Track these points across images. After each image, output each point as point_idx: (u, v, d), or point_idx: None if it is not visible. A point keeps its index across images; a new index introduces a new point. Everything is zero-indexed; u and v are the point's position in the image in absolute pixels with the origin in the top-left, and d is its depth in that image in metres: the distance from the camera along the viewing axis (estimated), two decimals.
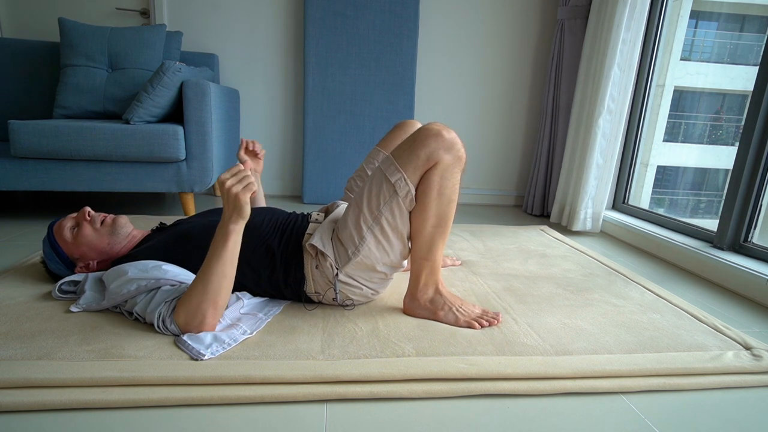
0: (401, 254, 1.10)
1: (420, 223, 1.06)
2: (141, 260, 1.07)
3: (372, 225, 1.05)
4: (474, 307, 1.13)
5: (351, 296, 1.13)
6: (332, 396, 0.82)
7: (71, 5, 2.44)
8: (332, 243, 1.08)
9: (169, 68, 1.84)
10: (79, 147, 1.79)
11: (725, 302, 1.41)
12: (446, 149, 1.01)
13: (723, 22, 3.11)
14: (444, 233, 1.07)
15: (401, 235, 1.07)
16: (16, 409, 0.75)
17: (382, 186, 1.04)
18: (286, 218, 1.18)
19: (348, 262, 1.06)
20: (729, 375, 0.95)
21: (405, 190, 1.03)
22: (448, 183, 1.03)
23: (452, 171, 1.03)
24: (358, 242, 1.05)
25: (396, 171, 1.02)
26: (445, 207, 1.04)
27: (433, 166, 1.02)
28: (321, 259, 1.07)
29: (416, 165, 1.01)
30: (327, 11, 2.41)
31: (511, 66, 2.72)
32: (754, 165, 1.57)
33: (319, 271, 1.09)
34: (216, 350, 0.90)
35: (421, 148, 1.01)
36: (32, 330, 0.96)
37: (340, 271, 1.07)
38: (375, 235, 1.05)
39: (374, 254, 1.06)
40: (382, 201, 1.04)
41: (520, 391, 0.86)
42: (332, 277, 1.08)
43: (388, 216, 1.04)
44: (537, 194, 2.59)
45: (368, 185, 1.06)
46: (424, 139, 1.01)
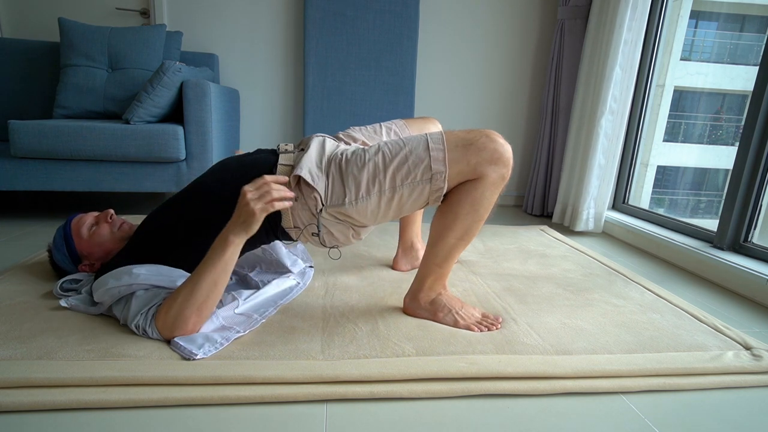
0: (371, 228, 1.09)
1: (444, 231, 1.03)
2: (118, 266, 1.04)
3: (385, 190, 0.98)
4: (474, 310, 1.12)
5: (327, 236, 1.05)
6: (332, 396, 0.82)
7: (71, 5, 2.44)
8: (327, 178, 1.00)
9: (169, 68, 1.84)
10: (79, 147, 1.79)
11: (725, 302, 1.41)
12: (496, 165, 0.96)
13: (723, 22, 3.11)
14: (465, 247, 1.05)
15: (398, 214, 1.03)
16: (16, 409, 0.75)
17: (420, 166, 0.96)
18: (245, 159, 1.08)
19: (338, 206, 0.99)
20: (729, 375, 0.95)
21: (438, 186, 0.97)
22: (485, 201, 0.99)
23: (494, 190, 0.98)
24: (362, 194, 0.98)
25: (442, 164, 0.96)
26: (474, 223, 1.01)
27: (478, 179, 0.97)
28: (305, 191, 0.99)
29: (461, 169, 0.96)
30: (327, 11, 2.41)
31: (511, 66, 2.72)
32: (754, 165, 1.57)
33: (299, 204, 1.00)
34: (208, 350, 0.89)
35: (474, 155, 0.95)
36: (32, 330, 0.96)
37: (326, 209, 1.00)
38: (380, 200, 0.99)
39: (365, 214, 1.00)
40: (411, 178, 0.97)
41: (520, 390, 0.86)
42: (316, 211, 1.00)
43: (405, 193, 0.99)
44: (537, 194, 2.59)
45: (407, 150, 0.98)
46: (482, 146, 0.95)
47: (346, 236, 1.07)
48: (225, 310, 1.04)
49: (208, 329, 0.97)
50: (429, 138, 0.98)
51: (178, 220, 1.06)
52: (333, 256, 1.09)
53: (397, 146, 1.00)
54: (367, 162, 0.99)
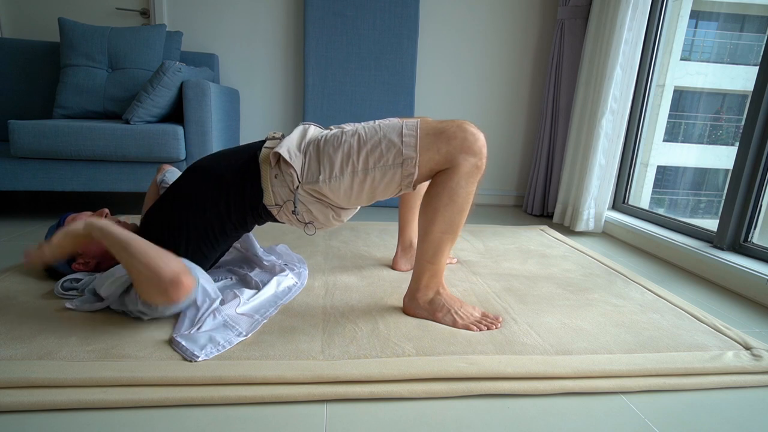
0: (353, 212, 1.11)
1: (428, 226, 1.04)
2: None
3: (358, 171, 1.01)
4: (474, 310, 1.12)
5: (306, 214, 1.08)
6: (332, 396, 0.82)
7: (71, 5, 2.44)
8: (304, 156, 1.03)
9: (169, 68, 1.84)
10: (79, 147, 1.79)
11: (725, 302, 1.41)
12: (467, 154, 0.98)
13: (723, 22, 3.11)
14: (452, 240, 1.06)
15: (372, 197, 1.05)
16: (17, 409, 0.75)
17: (393, 150, 1.00)
18: (238, 148, 1.15)
19: (312, 183, 1.02)
20: (729, 375, 0.95)
21: (409, 171, 1.00)
22: (461, 191, 1.00)
23: (468, 179, 1.00)
24: (336, 174, 1.01)
25: (413, 150, 0.99)
26: (456, 214, 1.02)
27: (451, 169, 0.99)
28: (283, 168, 1.03)
29: (432, 156, 0.99)
30: (327, 11, 2.41)
31: (511, 66, 2.72)
32: (754, 165, 1.57)
33: (278, 181, 1.04)
34: (210, 352, 0.90)
35: (444, 143, 0.98)
36: (32, 330, 0.96)
37: (302, 186, 1.03)
38: (352, 180, 1.01)
39: (339, 194, 1.03)
40: (383, 162, 1.00)
41: (520, 390, 0.86)
42: (293, 188, 1.03)
43: (378, 176, 1.01)
44: (537, 194, 2.59)
45: (381, 134, 1.01)
46: (452, 135, 0.98)
47: (327, 217, 1.09)
48: (228, 308, 1.05)
49: (210, 327, 0.97)
50: (404, 124, 1.02)
51: (173, 203, 1.10)
52: (308, 232, 1.11)
53: (373, 130, 1.03)
54: (342, 143, 1.02)
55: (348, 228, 1.96)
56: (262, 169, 1.05)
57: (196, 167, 1.13)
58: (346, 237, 1.82)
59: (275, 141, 1.08)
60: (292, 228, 1.91)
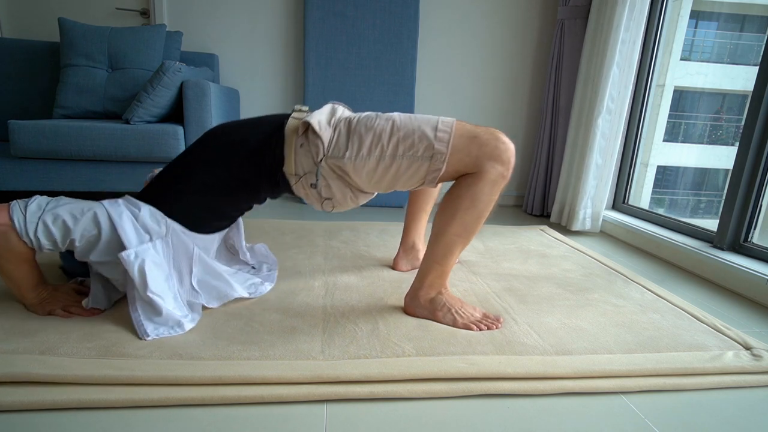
0: (370, 196, 1.11)
1: (444, 226, 1.04)
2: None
3: (386, 156, 1.00)
4: (475, 310, 1.12)
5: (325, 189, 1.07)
6: (332, 396, 0.82)
7: (71, 5, 2.44)
8: (333, 131, 1.03)
9: (169, 68, 1.84)
10: (79, 147, 1.79)
11: (725, 302, 1.41)
12: (496, 162, 0.98)
13: (723, 22, 3.11)
14: (464, 244, 1.06)
15: (393, 185, 1.05)
16: (17, 408, 0.75)
17: (424, 142, 1.00)
18: (260, 117, 1.14)
19: (337, 158, 1.01)
20: (729, 375, 0.95)
21: (437, 166, 1.00)
22: (484, 197, 1.00)
23: (493, 187, 1.00)
24: (363, 154, 1.01)
25: (445, 146, 0.99)
26: (474, 219, 1.02)
27: (477, 174, 0.99)
28: (311, 138, 1.02)
29: (462, 158, 0.99)
30: (327, 11, 2.41)
31: (511, 66, 2.72)
32: (754, 165, 1.57)
33: (303, 150, 1.03)
34: (162, 333, 0.95)
35: (476, 147, 0.98)
36: (35, 325, 0.97)
37: (326, 159, 1.02)
38: (378, 164, 1.01)
39: (361, 175, 1.03)
40: (413, 152, 1.00)
41: (520, 391, 0.86)
42: (317, 160, 1.02)
43: (404, 165, 1.01)
44: (537, 194, 2.59)
45: (416, 125, 1.01)
46: (485, 142, 0.98)
47: (344, 195, 1.08)
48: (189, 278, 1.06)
49: (166, 304, 0.98)
50: (440, 120, 1.02)
51: (185, 159, 1.10)
52: (326, 208, 1.10)
53: (408, 119, 1.03)
54: (375, 126, 1.02)
55: (348, 228, 1.96)
56: (288, 137, 1.04)
57: (215, 130, 1.12)
58: (346, 237, 1.82)
59: (302, 113, 1.08)
60: (291, 228, 1.91)
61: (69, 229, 0.94)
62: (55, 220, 0.93)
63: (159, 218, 1.03)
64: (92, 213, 0.96)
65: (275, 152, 1.04)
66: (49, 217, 0.93)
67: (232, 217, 1.17)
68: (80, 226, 0.94)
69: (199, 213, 1.09)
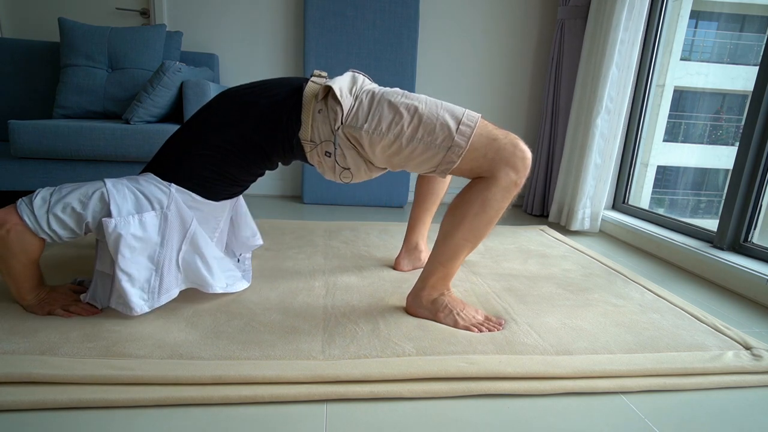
0: (379, 171, 1.09)
1: (452, 229, 1.04)
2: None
3: (403, 136, 0.99)
4: (477, 312, 1.11)
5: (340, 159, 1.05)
6: (332, 396, 0.82)
7: (71, 5, 2.44)
8: (354, 100, 1.01)
9: (169, 68, 1.84)
10: (79, 147, 1.79)
11: (725, 302, 1.41)
12: (510, 169, 0.98)
13: (723, 22, 3.11)
14: (471, 248, 1.06)
15: (404, 165, 1.04)
16: (17, 408, 0.75)
17: (445, 131, 0.98)
18: (274, 80, 1.11)
19: (354, 129, 0.99)
20: (729, 375, 0.95)
21: (452, 159, 0.99)
22: (495, 203, 1.00)
23: (505, 193, 1.00)
24: (382, 129, 0.99)
25: (465, 141, 0.98)
26: (483, 225, 1.02)
27: (490, 178, 0.99)
28: (330, 104, 1.00)
29: (477, 157, 0.99)
30: (327, 11, 2.41)
31: (512, 66, 2.72)
32: (754, 165, 1.57)
33: (321, 116, 1.01)
34: (149, 306, 0.99)
35: (493, 150, 0.98)
36: (35, 325, 0.97)
37: (343, 128, 1.00)
38: (393, 142, 1.00)
39: (375, 149, 1.01)
40: (431, 138, 0.99)
41: (520, 390, 0.86)
42: (334, 127, 1.00)
43: (419, 149, 1.00)
44: (537, 194, 2.59)
45: (441, 112, 1.00)
46: (503, 146, 0.98)
47: (358, 167, 1.07)
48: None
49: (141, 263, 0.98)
50: (466, 113, 1.01)
51: (196, 121, 1.09)
52: (344, 179, 1.08)
53: (434, 105, 1.02)
54: (399, 104, 1.00)
55: (348, 228, 1.96)
56: (306, 102, 1.02)
57: (226, 93, 1.10)
58: (346, 237, 1.82)
59: (321, 79, 1.06)
60: (291, 228, 1.91)
61: (80, 215, 0.94)
62: (64, 209, 0.93)
63: (163, 188, 1.02)
64: (99, 193, 0.96)
65: (291, 116, 1.02)
66: (58, 207, 0.93)
67: (244, 182, 1.15)
68: (90, 209, 0.94)
69: (210, 177, 1.07)
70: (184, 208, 1.04)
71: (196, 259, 1.08)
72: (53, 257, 1.41)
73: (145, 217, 0.98)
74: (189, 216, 1.05)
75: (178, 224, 1.03)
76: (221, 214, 1.18)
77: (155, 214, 0.99)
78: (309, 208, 2.43)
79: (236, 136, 1.04)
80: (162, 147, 1.11)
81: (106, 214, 0.95)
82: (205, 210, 1.11)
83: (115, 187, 0.97)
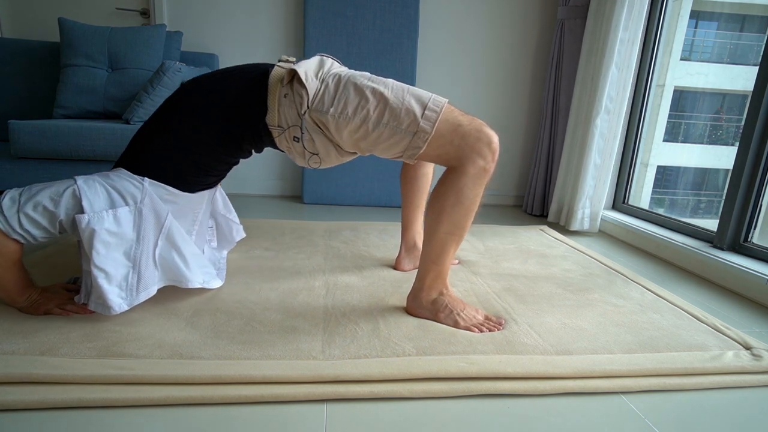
0: (350, 156, 1.09)
1: (434, 226, 1.04)
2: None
3: (369, 121, 0.99)
4: (477, 312, 1.11)
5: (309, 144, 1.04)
6: (332, 396, 0.82)
7: (71, 5, 2.44)
8: (320, 83, 1.01)
9: (169, 68, 1.84)
10: (79, 147, 1.79)
11: (725, 302, 1.41)
12: (478, 156, 0.98)
13: (723, 22, 3.11)
14: (457, 241, 1.06)
15: (370, 150, 1.04)
16: (18, 407, 0.75)
17: (410, 116, 0.98)
18: (240, 66, 1.10)
19: (321, 113, 0.99)
20: (729, 375, 0.95)
21: (417, 145, 0.99)
22: (469, 192, 1.00)
23: (476, 181, 0.99)
24: (348, 113, 0.98)
25: (430, 127, 0.98)
26: (462, 216, 1.02)
27: (459, 168, 0.99)
28: (296, 88, 0.99)
29: (443, 144, 0.98)
30: (327, 11, 2.41)
31: (511, 66, 2.72)
32: (754, 165, 1.57)
33: (287, 101, 1.00)
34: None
35: (459, 137, 0.98)
36: (35, 326, 0.97)
37: (309, 112, 1.00)
38: (360, 126, 0.99)
39: (342, 134, 1.01)
40: (396, 123, 0.99)
41: (520, 390, 0.86)
42: (300, 112, 1.00)
43: (385, 134, 0.99)
44: (537, 194, 2.59)
45: (407, 97, 0.99)
46: (467, 133, 0.98)
47: (327, 151, 1.06)
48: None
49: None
50: (431, 99, 1.01)
51: (164, 113, 1.07)
52: (312, 164, 1.07)
53: (400, 90, 1.01)
54: (365, 88, 1.00)
55: (348, 228, 1.96)
56: (272, 86, 1.01)
57: (192, 81, 1.09)
58: (346, 237, 1.82)
59: (290, 63, 1.05)
60: (291, 228, 1.91)
61: (53, 213, 0.92)
62: (35, 208, 0.92)
63: (136, 182, 1.01)
64: (71, 190, 0.94)
65: (258, 101, 1.01)
66: (29, 206, 0.91)
67: (218, 172, 1.13)
68: (62, 206, 0.93)
69: (182, 168, 1.05)
70: (158, 202, 1.02)
71: (172, 255, 1.06)
72: (53, 257, 1.41)
73: (119, 212, 0.96)
74: (164, 210, 1.03)
75: (153, 219, 1.02)
76: (199, 207, 1.16)
77: (129, 209, 0.98)
78: (309, 208, 2.43)
79: (204, 124, 1.03)
80: (131, 141, 1.09)
81: (79, 210, 0.93)
82: (180, 203, 1.09)
83: (86, 184, 0.95)
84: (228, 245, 1.41)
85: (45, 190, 0.94)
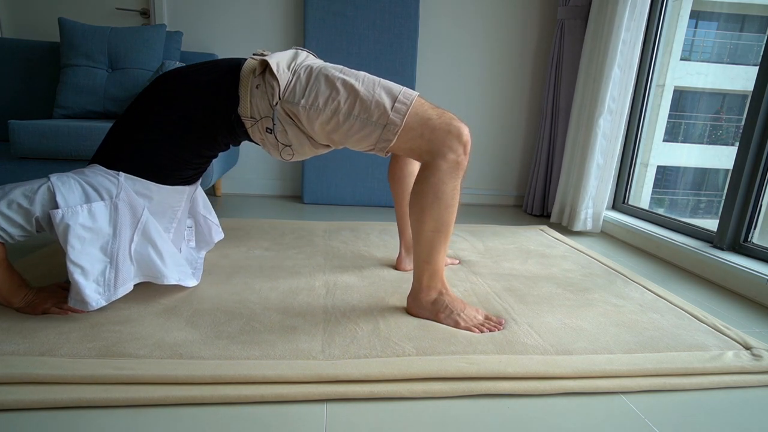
0: (324, 148, 1.09)
1: (418, 226, 1.04)
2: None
3: (339, 113, 0.99)
4: (477, 312, 1.11)
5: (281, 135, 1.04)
6: (332, 396, 0.82)
7: (71, 5, 2.44)
8: (292, 75, 1.01)
9: (169, 68, 1.84)
10: (79, 147, 1.79)
11: (725, 302, 1.41)
12: (449, 150, 0.98)
13: (723, 22, 3.11)
14: (444, 238, 1.05)
15: (342, 143, 1.04)
16: (18, 407, 0.75)
17: (380, 109, 0.99)
18: (213, 61, 1.10)
19: (292, 104, 0.99)
20: (729, 375, 0.95)
21: (388, 138, 1.00)
22: (445, 187, 1.00)
23: (450, 175, 1.00)
24: (319, 105, 0.99)
25: (400, 119, 0.98)
26: (443, 212, 1.02)
27: (432, 164, 0.99)
28: (267, 79, 1.00)
29: (413, 137, 0.99)
30: (327, 11, 2.41)
31: (511, 66, 2.72)
32: (754, 165, 1.57)
33: (259, 92, 1.01)
34: (106, 299, 0.96)
35: (429, 130, 0.98)
36: (34, 326, 0.97)
37: (281, 103, 1.00)
38: (331, 118, 1.00)
39: (313, 125, 1.01)
40: (366, 115, 0.99)
41: (520, 390, 0.86)
42: (272, 103, 1.00)
43: (356, 126, 1.00)
44: (537, 194, 2.59)
45: (378, 90, 1.00)
46: (437, 126, 0.98)
47: (301, 143, 1.06)
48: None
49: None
50: (402, 92, 1.01)
51: (138, 104, 1.07)
52: (285, 156, 1.08)
53: (371, 83, 1.02)
54: (336, 80, 1.00)
55: (348, 228, 1.96)
56: (243, 78, 1.01)
57: (167, 74, 1.09)
58: (346, 237, 1.82)
59: (263, 56, 1.05)
60: (291, 228, 1.91)
61: (27, 210, 0.92)
62: (9, 205, 0.91)
63: (111, 177, 1.00)
64: (45, 187, 0.94)
65: (230, 92, 1.02)
66: (2, 204, 0.91)
67: (195, 165, 1.13)
68: (37, 203, 0.92)
69: (157, 161, 1.05)
70: (134, 196, 1.02)
71: (149, 250, 1.05)
72: (53, 257, 1.41)
73: (94, 207, 0.96)
74: (140, 205, 1.03)
75: (129, 214, 1.01)
76: (177, 204, 1.16)
77: (104, 204, 0.97)
78: (309, 208, 2.43)
79: (178, 116, 1.03)
80: (106, 136, 1.09)
81: (54, 206, 0.93)
82: (156, 198, 1.09)
83: (60, 180, 0.95)
84: (206, 246, 1.39)
85: (18, 188, 0.94)
